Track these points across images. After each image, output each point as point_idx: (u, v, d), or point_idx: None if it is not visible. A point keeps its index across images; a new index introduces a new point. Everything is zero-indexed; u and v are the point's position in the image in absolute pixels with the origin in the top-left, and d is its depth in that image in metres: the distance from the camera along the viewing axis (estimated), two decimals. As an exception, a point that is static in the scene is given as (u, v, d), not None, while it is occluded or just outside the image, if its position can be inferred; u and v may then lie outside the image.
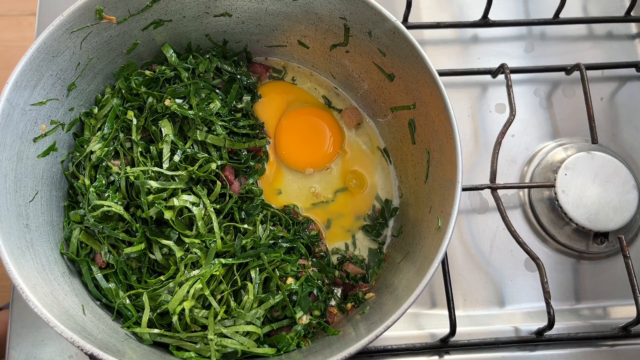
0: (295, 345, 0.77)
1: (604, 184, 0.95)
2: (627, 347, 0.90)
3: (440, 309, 0.93)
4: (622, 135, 1.05)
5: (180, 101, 0.85)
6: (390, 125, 0.91)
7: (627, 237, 0.98)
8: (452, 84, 1.05)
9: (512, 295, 0.95)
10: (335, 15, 0.83)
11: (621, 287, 0.96)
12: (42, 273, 0.71)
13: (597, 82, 1.08)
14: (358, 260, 0.89)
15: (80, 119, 0.85)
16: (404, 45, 0.78)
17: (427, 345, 0.88)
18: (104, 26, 0.80)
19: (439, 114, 0.76)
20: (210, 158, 0.84)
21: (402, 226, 0.89)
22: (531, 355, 0.88)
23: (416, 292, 0.66)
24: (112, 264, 0.79)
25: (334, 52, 0.91)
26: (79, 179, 0.82)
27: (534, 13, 1.12)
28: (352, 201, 0.93)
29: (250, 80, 0.94)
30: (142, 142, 0.84)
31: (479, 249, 0.97)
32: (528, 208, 1.00)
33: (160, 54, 0.90)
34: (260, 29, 0.91)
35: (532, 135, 1.04)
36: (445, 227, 0.69)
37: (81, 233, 0.80)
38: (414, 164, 0.86)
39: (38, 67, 0.74)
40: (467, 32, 1.10)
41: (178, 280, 0.76)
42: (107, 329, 0.72)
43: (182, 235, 0.80)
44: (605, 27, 1.12)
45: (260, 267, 0.80)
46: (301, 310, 0.78)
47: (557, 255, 0.98)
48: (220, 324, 0.75)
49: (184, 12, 0.85)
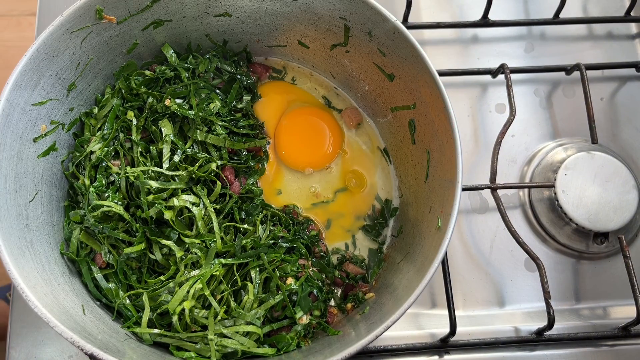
0: (295, 345, 0.77)
1: (604, 184, 0.95)
2: (627, 347, 0.90)
3: (440, 309, 0.93)
4: (622, 135, 1.05)
5: (180, 101, 0.85)
6: (390, 125, 0.91)
7: (627, 237, 0.98)
8: (452, 84, 1.05)
9: (512, 295, 0.95)
10: (335, 15, 0.83)
11: (621, 287, 0.96)
12: (42, 273, 0.71)
13: (597, 82, 1.08)
14: (358, 260, 0.89)
15: (80, 119, 0.85)
16: (404, 45, 0.78)
17: (427, 345, 0.88)
18: (104, 26, 0.80)
19: (439, 114, 0.75)
20: (210, 158, 0.84)
21: (402, 226, 0.89)
22: (531, 355, 0.88)
23: (416, 292, 0.66)
24: (112, 264, 0.79)
25: (334, 52, 0.91)
26: (79, 179, 0.82)
27: (534, 13, 1.12)
28: (352, 201, 0.93)
29: (250, 80, 0.94)
30: (142, 142, 0.84)
31: (479, 249, 0.97)
32: (528, 208, 1.00)
33: (160, 54, 0.90)
34: (260, 29, 0.91)
35: (532, 135, 1.04)
36: (445, 227, 0.69)
37: (81, 233, 0.80)
38: (414, 164, 0.86)
39: (38, 67, 0.74)
40: (467, 32, 1.10)
41: (178, 280, 0.76)
42: (107, 329, 0.72)
43: (182, 235, 0.80)
44: (605, 27, 1.12)
45: (260, 267, 0.80)
46: (301, 311, 0.78)
47: (557, 255, 0.98)
48: (221, 324, 0.75)
49: (184, 12, 0.85)
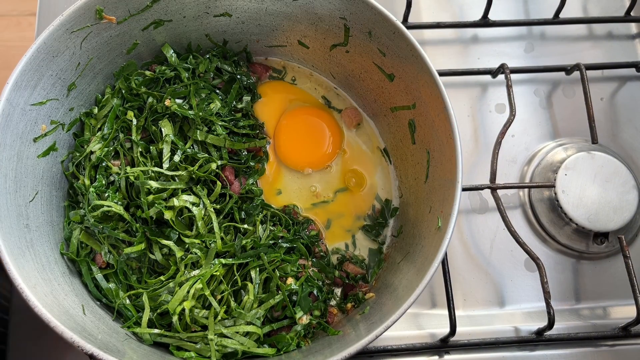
0: (295, 345, 0.77)
1: (604, 184, 0.95)
2: (627, 347, 0.90)
3: (440, 309, 0.93)
4: (622, 135, 1.05)
5: (180, 101, 0.85)
6: (390, 125, 0.91)
7: (627, 237, 0.98)
8: (452, 84, 1.05)
9: (512, 295, 0.95)
10: (335, 15, 0.83)
11: (621, 287, 0.96)
12: (42, 273, 0.71)
13: (597, 82, 1.08)
14: (358, 260, 0.89)
15: (80, 119, 0.85)
16: (404, 45, 0.78)
17: (427, 345, 0.88)
18: (104, 26, 0.80)
19: (439, 114, 0.75)
20: (210, 158, 0.84)
21: (402, 226, 0.89)
22: (531, 355, 0.88)
23: (416, 292, 0.66)
24: (112, 264, 0.79)
25: (334, 52, 0.91)
26: (79, 179, 0.82)
27: (534, 13, 1.12)
28: (352, 201, 0.93)
29: (250, 80, 0.94)
30: (142, 142, 0.84)
31: (479, 249, 0.97)
32: (528, 208, 1.00)
33: (160, 54, 0.90)
34: (260, 29, 0.91)
35: (532, 135, 1.04)
36: (445, 227, 0.69)
37: (81, 233, 0.80)
38: (414, 164, 0.86)
39: (38, 67, 0.74)
40: (467, 32, 1.10)
41: (178, 280, 0.76)
42: (107, 329, 0.72)
43: (182, 235, 0.80)
44: (605, 27, 1.12)
45: (260, 267, 0.80)
46: (301, 311, 0.78)
47: (557, 255, 0.98)
48: (221, 324, 0.75)
49: (184, 12, 0.85)
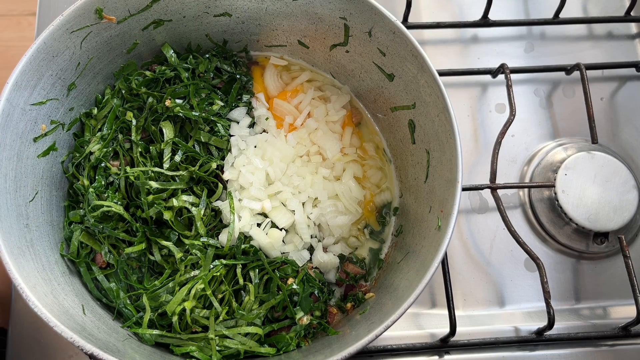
0: (295, 345, 0.77)
1: (604, 184, 0.95)
2: (627, 347, 0.90)
3: (440, 309, 0.93)
4: (622, 135, 1.05)
5: (180, 101, 0.85)
6: (391, 125, 0.91)
7: (627, 237, 0.98)
8: (452, 84, 1.05)
9: (512, 295, 0.95)
10: (335, 15, 0.83)
11: (621, 287, 0.96)
12: (42, 273, 0.71)
13: (597, 82, 1.08)
14: (358, 260, 0.89)
15: (81, 120, 0.85)
16: (404, 45, 0.78)
17: (427, 345, 0.88)
18: (104, 26, 0.80)
19: (439, 114, 0.75)
20: (211, 158, 0.84)
21: (402, 226, 0.89)
22: (531, 355, 0.88)
23: (416, 292, 0.66)
24: (113, 264, 0.79)
25: (334, 52, 0.91)
26: (79, 180, 0.82)
27: (534, 13, 1.12)
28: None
29: (250, 80, 0.94)
30: (141, 142, 0.84)
31: (479, 249, 0.97)
32: (528, 208, 1.00)
33: (160, 54, 0.90)
34: (260, 29, 0.91)
35: (532, 135, 1.04)
36: (445, 227, 0.69)
37: (82, 234, 0.80)
38: (414, 164, 0.86)
39: (38, 67, 0.74)
40: (467, 32, 1.10)
41: (178, 281, 0.76)
42: (107, 328, 0.72)
43: (182, 236, 0.80)
44: (605, 27, 1.12)
45: (260, 267, 0.80)
46: (302, 311, 0.78)
47: (557, 255, 0.98)
48: (222, 324, 0.75)
49: (184, 12, 0.85)
